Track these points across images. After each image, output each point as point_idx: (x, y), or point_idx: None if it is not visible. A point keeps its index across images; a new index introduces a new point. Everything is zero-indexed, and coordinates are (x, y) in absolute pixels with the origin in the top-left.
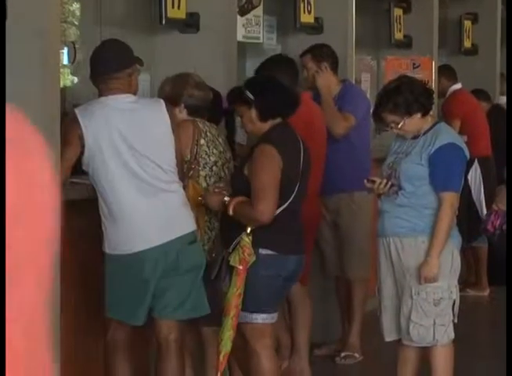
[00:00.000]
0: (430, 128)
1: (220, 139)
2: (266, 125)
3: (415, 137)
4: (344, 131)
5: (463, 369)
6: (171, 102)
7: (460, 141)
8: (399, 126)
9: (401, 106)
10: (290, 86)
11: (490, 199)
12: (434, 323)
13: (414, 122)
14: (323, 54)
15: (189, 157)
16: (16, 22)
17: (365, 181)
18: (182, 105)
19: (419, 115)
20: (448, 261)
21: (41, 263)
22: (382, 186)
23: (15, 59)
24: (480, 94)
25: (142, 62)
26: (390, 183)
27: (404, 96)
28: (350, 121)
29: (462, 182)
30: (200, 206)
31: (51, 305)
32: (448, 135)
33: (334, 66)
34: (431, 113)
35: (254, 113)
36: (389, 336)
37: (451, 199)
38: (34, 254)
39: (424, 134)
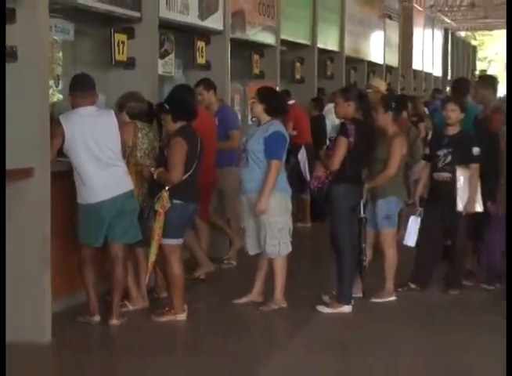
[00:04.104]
0: (268, 121)
1: (150, 133)
2: (176, 125)
3: (258, 125)
4: (237, 144)
5: (294, 269)
6: (120, 108)
7: (284, 131)
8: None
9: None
10: (191, 101)
11: (311, 169)
12: (279, 243)
13: (259, 110)
14: (210, 85)
15: (131, 144)
16: (23, 64)
17: None
18: (125, 112)
19: (263, 107)
20: (284, 204)
21: None
22: None
23: (23, 86)
24: (317, 103)
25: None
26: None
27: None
28: (235, 138)
29: (284, 154)
30: (138, 174)
31: (45, 234)
32: (276, 127)
33: (216, 91)
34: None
35: (169, 117)
36: (252, 251)
37: (276, 164)
38: None
39: (264, 124)
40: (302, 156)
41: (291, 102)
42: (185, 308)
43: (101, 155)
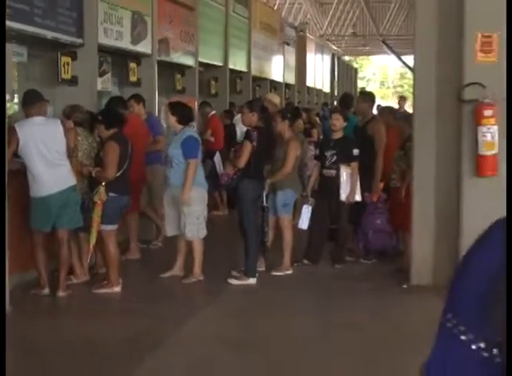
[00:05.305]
0: (181, 129)
1: (90, 137)
2: (109, 132)
3: (176, 134)
4: (162, 147)
5: (210, 250)
6: (67, 117)
7: (196, 135)
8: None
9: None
10: (120, 112)
11: (224, 168)
12: (198, 228)
13: (173, 121)
14: (140, 98)
15: (72, 146)
16: None
17: None
18: (71, 121)
19: (175, 118)
20: (201, 197)
21: None
22: None
23: None
24: (228, 113)
25: (47, 101)
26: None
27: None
28: (161, 142)
29: (198, 154)
30: (79, 172)
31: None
32: (189, 132)
33: (144, 104)
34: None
35: (102, 126)
36: (169, 233)
37: (193, 163)
38: None
39: (179, 133)
40: (217, 159)
41: (213, 112)
42: (120, 281)
43: (49, 156)
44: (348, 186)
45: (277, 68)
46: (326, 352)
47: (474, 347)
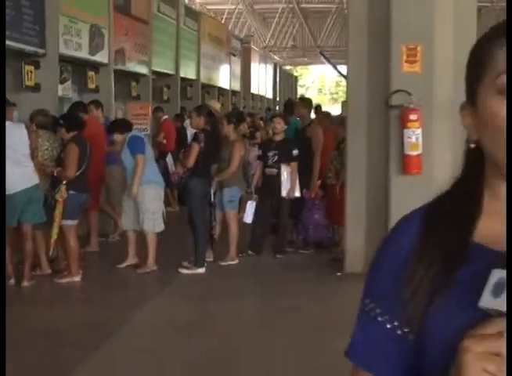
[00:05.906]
0: (127, 135)
1: (52, 138)
2: (69, 135)
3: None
4: (119, 148)
5: (163, 242)
6: (31, 120)
7: (140, 134)
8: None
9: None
10: (80, 116)
11: (175, 168)
12: (154, 223)
13: (118, 137)
14: (99, 104)
15: (34, 146)
16: None
17: None
18: (34, 124)
19: (118, 134)
20: (157, 194)
21: None
22: None
23: None
24: (179, 118)
25: (15, 104)
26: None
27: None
28: (118, 144)
29: (144, 149)
30: (40, 171)
31: None
32: (131, 133)
33: (102, 109)
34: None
35: (63, 129)
36: (126, 227)
37: (140, 158)
38: None
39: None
40: (169, 159)
41: (165, 117)
42: (80, 272)
43: (15, 158)
44: (289, 183)
45: (224, 76)
46: (270, 334)
47: (388, 326)
